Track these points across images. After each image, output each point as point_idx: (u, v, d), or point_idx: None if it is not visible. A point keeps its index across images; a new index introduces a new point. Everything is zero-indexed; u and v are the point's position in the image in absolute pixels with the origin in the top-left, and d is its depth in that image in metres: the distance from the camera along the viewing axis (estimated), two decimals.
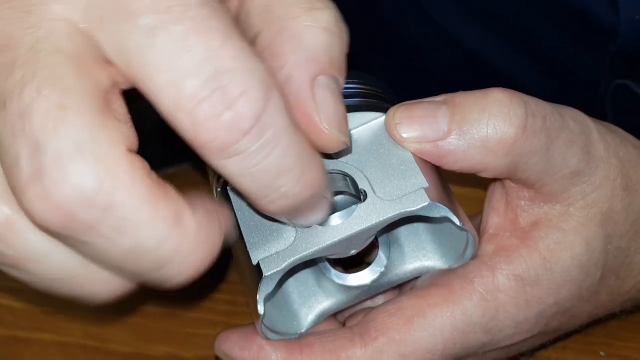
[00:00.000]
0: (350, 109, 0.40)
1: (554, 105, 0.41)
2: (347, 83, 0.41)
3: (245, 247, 0.39)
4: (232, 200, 0.40)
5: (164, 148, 0.91)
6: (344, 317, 0.45)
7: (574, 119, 0.41)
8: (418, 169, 0.39)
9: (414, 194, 0.38)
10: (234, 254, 0.43)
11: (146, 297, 0.52)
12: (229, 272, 0.53)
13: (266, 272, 0.37)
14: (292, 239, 0.38)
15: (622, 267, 0.43)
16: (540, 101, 0.40)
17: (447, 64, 0.73)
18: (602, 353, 0.49)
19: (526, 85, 0.69)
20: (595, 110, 0.66)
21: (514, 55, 0.68)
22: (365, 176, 0.39)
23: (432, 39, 0.72)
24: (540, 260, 0.40)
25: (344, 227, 0.38)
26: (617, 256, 0.42)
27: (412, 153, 0.39)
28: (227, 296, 0.52)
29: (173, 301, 0.52)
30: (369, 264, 0.43)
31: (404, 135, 0.39)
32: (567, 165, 0.40)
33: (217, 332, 0.50)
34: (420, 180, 0.38)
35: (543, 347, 0.45)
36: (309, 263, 0.41)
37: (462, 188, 0.48)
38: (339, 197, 0.42)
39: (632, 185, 0.42)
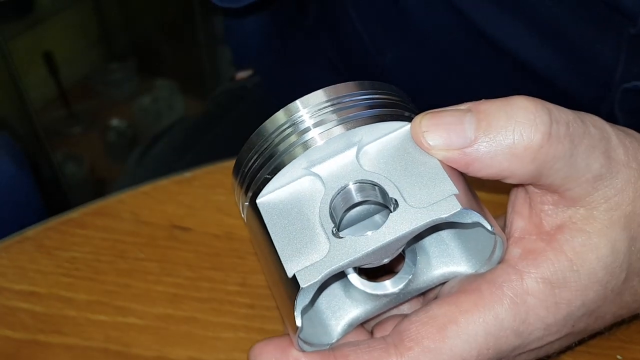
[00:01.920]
0: (375, 119, 0.40)
1: (575, 111, 0.41)
2: (370, 93, 0.41)
3: (279, 260, 0.38)
4: (262, 214, 0.40)
5: (177, 149, 0.92)
6: (370, 326, 0.45)
7: (593, 125, 0.41)
8: (446, 176, 0.39)
9: (445, 200, 0.38)
10: (265, 268, 0.42)
11: (167, 301, 0.53)
12: (248, 277, 0.54)
13: (303, 284, 0.37)
14: (326, 249, 0.38)
15: None
16: (562, 108, 0.40)
17: (462, 46, 0.73)
18: (618, 357, 0.49)
19: (542, 69, 0.69)
20: (609, 99, 0.66)
21: (531, 40, 0.68)
22: (395, 185, 0.39)
23: (447, 21, 0.72)
24: (566, 263, 0.40)
25: (378, 236, 0.38)
26: None
27: (439, 160, 0.40)
28: (247, 299, 0.53)
29: (194, 305, 0.52)
30: (394, 272, 0.43)
31: (431, 143, 0.39)
32: (589, 169, 0.40)
33: (238, 335, 0.51)
34: (449, 187, 0.38)
35: (569, 348, 0.45)
36: (339, 274, 0.40)
37: (480, 192, 0.48)
38: (369, 206, 0.42)
39: None
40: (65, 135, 1.65)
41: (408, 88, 0.80)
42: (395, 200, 0.38)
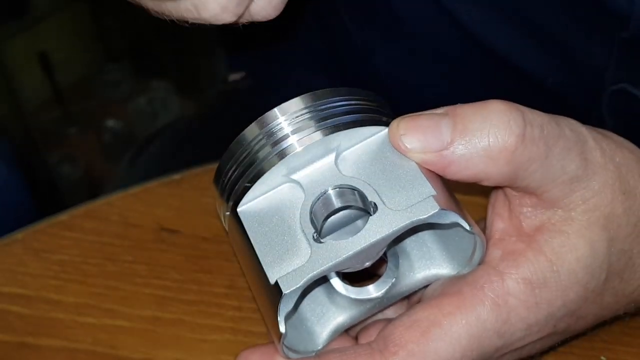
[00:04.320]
0: (352, 124, 0.40)
1: (550, 115, 0.42)
2: (347, 99, 0.41)
3: (261, 267, 0.39)
4: (243, 222, 0.40)
5: (170, 151, 0.92)
6: (355, 332, 0.45)
7: (569, 128, 0.41)
8: (424, 178, 0.39)
9: (424, 202, 0.38)
10: (248, 277, 0.43)
11: (155, 304, 0.53)
12: (236, 279, 0.54)
13: (285, 290, 0.37)
14: (308, 255, 0.38)
15: (626, 269, 0.43)
16: (536, 111, 0.41)
17: (452, 47, 0.73)
18: (602, 358, 0.49)
19: (532, 71, 0.70)
20: (599, 102, 0.66)
21: (522, 41, 0.68)
22: (374, 188, 0.39)
23: (437, 22, 0.72)
24: (546, 263, 0.40)
25: (358, 239, 0.38)
26: (620, 258, 0.42)
27: (417, 163, 0.40)
28: (234, 302, 0.53)
29: (181, 308, 0.53)
30: (377, 277, 0.43)
31: (409, 146, 0.40)
32: (565, 171, 0.40)
33: (225, 337, 0.51)
34: (427, 189, 0.39)
35: (552, 348, 0.46)
36: (321, 280, 0.41)
37: (462, 195, 0.48)
38: (348, 211, 0.42)
39: (630, 190, 0.42)
40: (61, 136, 1.65)
41: (399, 88, 0.80)
42: (375, 204, 0.39)
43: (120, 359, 0.50)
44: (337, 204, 0.40)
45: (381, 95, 0.44)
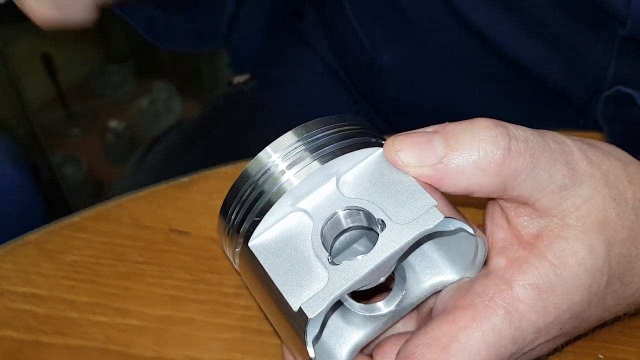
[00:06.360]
0: (348, 149, 0.42)
1: (535, 129, 0.44)
2: (338, 126, 0.43)
3: (282, 297, 0.40)
4: (257, 255, 0.42)
5: (175, 153, 0.93)
6: (370, 350, 0.46)
7: (554, 140, 0.43)
8: (423, 190, 0.41)
9: (428, 212, 0.40)
10: (268, 311, 0.43)
11: (166, 303, 0.54)
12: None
13: (310, 315, 0.38)
14: (325, 278, 0.39)
15: (625, 272, 0.44)
16: (520, 126, 0.43)
17: (458, 46, 0.74)
18: (600, 356, 0.51)
19: (538, 71, 0.71)
20: (598, 99, 0.68)
21: (528, 41, 0.70)
22: (378, 207, 0.41)
23: (444, 20, 0.73)
24: (550, 267, 0.42)
25: (372, 256, 0.40)
26: (619, 262, 0.44)
27: (414, 177, 0.42)
28: (243, 301, 0.54)
29: (192, 307, 0.54)
30: (387, 292, 0.45)
31: (405, 161, 0.42)
32: (553, 180, 0.42)
33: (234, 336, 0.53)
34: (429, 200, 0.41)
35: (556, 350, 0.47)
36: (337, 304, 0.42)
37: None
38: (352, 233, 0.44)
39: (620, 195, 0.44)
40: (64, 137, 1.67)
41: (405, 88, 0.81)
42: (382, 221, 0.40)
43: (132, 357, 0.52)
44: (345, 224, 0.42)
45: (384, 98, 0.45)
